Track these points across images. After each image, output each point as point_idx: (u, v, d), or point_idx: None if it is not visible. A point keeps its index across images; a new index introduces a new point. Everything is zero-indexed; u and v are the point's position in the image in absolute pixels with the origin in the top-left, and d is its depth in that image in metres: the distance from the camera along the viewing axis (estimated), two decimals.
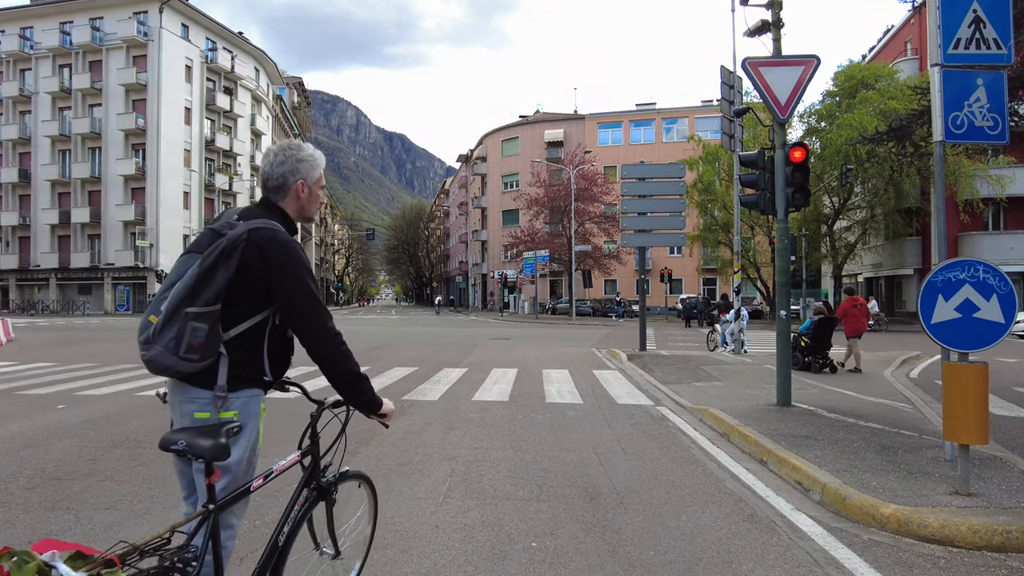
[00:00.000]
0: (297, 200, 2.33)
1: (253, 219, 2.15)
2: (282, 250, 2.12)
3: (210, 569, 1.95)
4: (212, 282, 2.00)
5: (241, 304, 2.09)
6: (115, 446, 5.84)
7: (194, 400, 2.08)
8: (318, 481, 2.51)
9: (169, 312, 1.96)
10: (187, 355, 1.96)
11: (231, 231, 2.08)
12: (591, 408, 8.13)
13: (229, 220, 2.15)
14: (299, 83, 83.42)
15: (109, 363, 12.77)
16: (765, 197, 7.86)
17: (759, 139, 28.54)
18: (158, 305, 2.00)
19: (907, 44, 37.86)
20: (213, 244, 2.05)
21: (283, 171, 2.29)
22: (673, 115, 55.43)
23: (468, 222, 72.94)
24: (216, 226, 2.13)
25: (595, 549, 3.57)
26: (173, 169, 46.14)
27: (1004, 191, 28.76)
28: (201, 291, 1.98)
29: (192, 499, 2.21)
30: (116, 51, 45.51)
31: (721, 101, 15.69)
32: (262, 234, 2.09)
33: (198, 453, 1.90)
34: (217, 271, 2.01)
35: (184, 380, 2.07)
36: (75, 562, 1.53)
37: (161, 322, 1.96)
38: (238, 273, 2.05)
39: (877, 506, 4.00)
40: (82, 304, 45.59)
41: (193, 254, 2.06)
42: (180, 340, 1.95)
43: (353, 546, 2.88)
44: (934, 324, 4.44)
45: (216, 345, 2.03)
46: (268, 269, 2.09)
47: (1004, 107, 5.09)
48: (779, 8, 9.05)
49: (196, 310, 1.97)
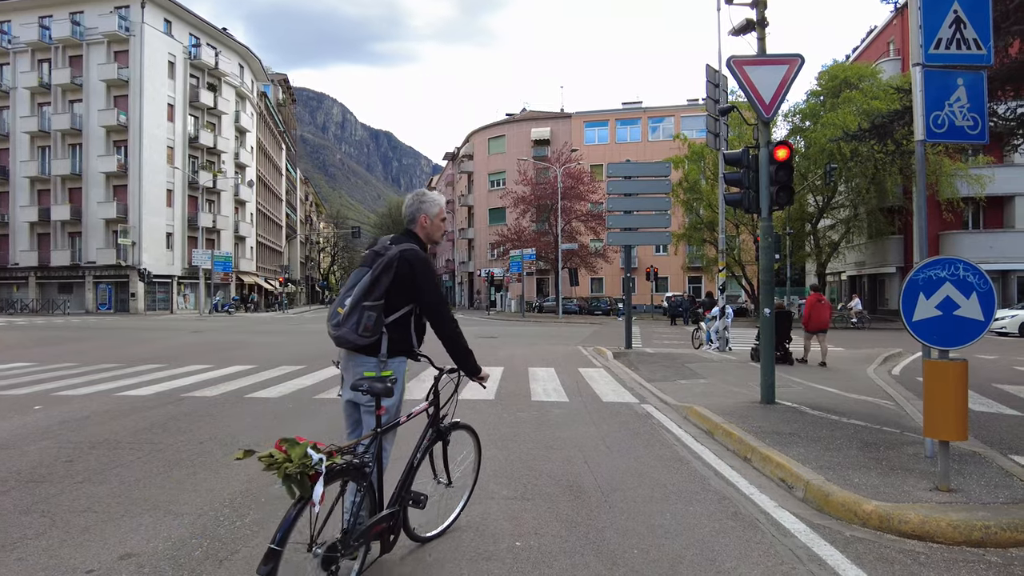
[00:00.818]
0: (423, 228, 3.34)
1: (401, 243, 3.19)
2: (421, 265, 3.13)
3: (375, 473, 2.97)
4: (379, 285, 3.04)
5: (396, 300, 3.10)
6: (93, 447, 5.75)
7: (364, 364, 3.08)
8: (437, 427, 3.49)
9: (352, 305, 3.01)
10: (363, 334, 3.00)
11: (388, 252, 3.12)
12: (577, 406, 8.13)
13: (384, 244, 3.21)
14: (284, 80, 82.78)
15: (89, 363, 12.59)
16: (750, 195, 7.89)
17: (744, 138, 28.70)
18: (343, 300, 3.05)
19: (890, 44, 38.28)
20: (377, 261, 3.10)
21: (412, 210, 3.33)
22: (659, 114, 55.65)
23: (455, 220, 72.80)
24: (377, 248, 3.20)
25: (579, 548, 3.56)
26: (156, 166, 45.58)
27: (984, 190, 29.20)
28: (372, 291, 3.03)
29: (354, 434, 3.24)
30: (97, 46, 44.86)
31: (706, 100, 15.76)
32: (408, 253, 3.12)
33: (375, 392, 2.89)
34: (382, 278, 3.05)
35: (358, 351, 3.09)
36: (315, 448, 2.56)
37: (347, 312, 3.01)
38: (394, 279, 3.07)
39: (859, 503, 4.02)
40: (62, 303, 44.92)
41: (363, 268, 3.13)
42: (359, 323, 2.99)
43: (461, 483, 3.85)
44: (916, 322, 4.47)
45: (380, 327, 3.05)
46: (413, 276, 3.10)
47: (984, 107, 5.14)
48: (764, 7, 9.09)
49: (369, 303, 3.01)
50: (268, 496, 4.39)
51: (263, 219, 64.98)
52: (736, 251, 35.89)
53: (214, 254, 47.58)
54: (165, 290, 46.46)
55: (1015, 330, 23.51)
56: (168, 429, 6.54)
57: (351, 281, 3.11)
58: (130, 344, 17.75)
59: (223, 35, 54.23)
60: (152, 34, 45.39)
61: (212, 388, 9.33)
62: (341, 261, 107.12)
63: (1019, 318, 23.92)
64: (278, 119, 74.96)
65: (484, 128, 63.78)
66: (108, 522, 3.89)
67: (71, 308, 44.51)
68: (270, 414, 7.43)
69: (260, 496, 4.39)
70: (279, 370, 11.56)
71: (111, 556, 3.39)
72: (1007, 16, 7.16)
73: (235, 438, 6.16)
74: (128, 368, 11.77)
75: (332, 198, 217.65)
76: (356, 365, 3.11)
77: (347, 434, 3.27)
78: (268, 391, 9.10)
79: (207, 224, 49.08)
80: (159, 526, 3.82)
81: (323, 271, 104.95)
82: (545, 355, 14.83)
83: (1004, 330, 23.47)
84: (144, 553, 3.43)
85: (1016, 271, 31.74)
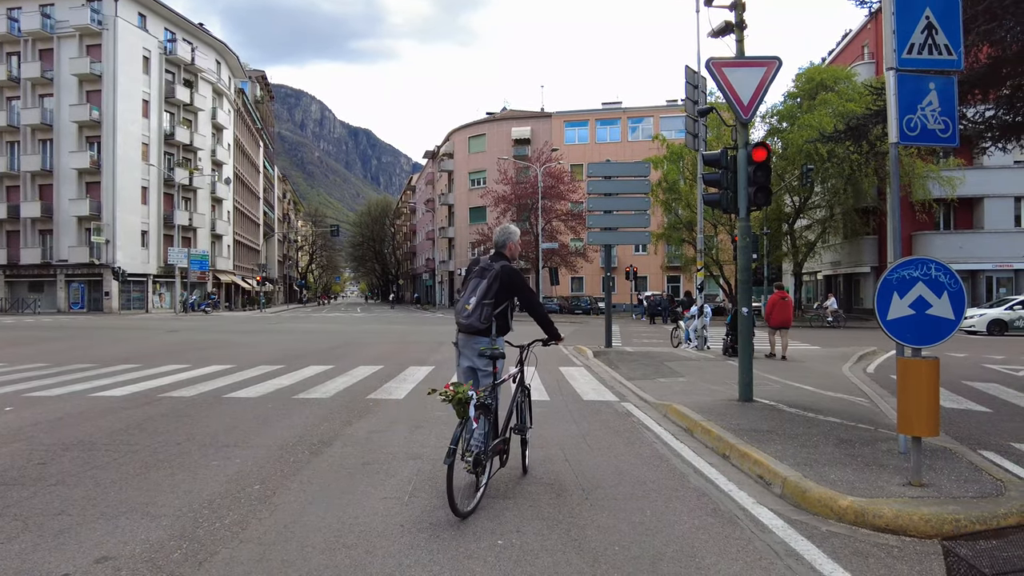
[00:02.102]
0: (511, 251, 4.79)
1: (499, 260, 4.65)
2: (517, 276, 4.61)
3: (495, 411, 4.37)
4: (491, 288, 4.48)
5: (501, 298, 4.52)
6: (67, 449, 5.64)
7: (480, 342, 4.51)
8: (523, 385, 4.86)
9: (476, 303, 4.44)
10: (484, 322, 4.44)
11: (493, 267, 4.56)
12: (557, 405, 8.16)
13: (487, 262, 4.64)
14: (262, 77, 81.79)
15: (62, 363, 12.34)
16: (728, 196, 7.98)
17: (722, 139, 29.01)
18: (468, 300, 4.48)
19: (864, 48, 38.94)
20: (486, 272, 4.54)
21: (504, 239, 4.78)
22: (638, 114, 55.99)
23: (435, 219, 72.57)
24: (483, 265, 4.62)
25: (560, 546, 3.58)
26: (130, 163, 44.75)
27: (955, 192, 29.86)
28: (487, 293, 4.46)
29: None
30: (68, 40, 43.91)
31: (686, 101, 15.90)
32: (507, 267, 4.59)
33: (495, 357, 4.41)
34: (493, 284, 4.49)
35: (476, 333, 4.51)
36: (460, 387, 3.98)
37: (472, 308, 4.43)
38: (500, 285, 4.50)
39: (835, 498, 4.10)
40: (33, 302, 43.91)
41: (478, 278, 4.54)
42: (480, 315, 4.44)
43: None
44: (890, 320, 4.56)
45: (491, 316, 4.47)
46: (512, 283, 4.56)
47: (954, 111, 5.26)
48: (742, 10, 9.20)
49: (487, 301, 4.45)
50: (247, 497, 4.36)
51: (240, 217, 64.18)
52: (714, 251, 36.27)
53: (190, 252, 46.89)
54: (140, 289, 45.66)
55: (983, 328, 24.07)
56: (145, 430, 6.44)
57: (471, 287, 4.54)
58: (104, 344, 17.43)
59: (199, 30, 53.42)
60: (126, 28, 44.54)
61: (189, 388, 9.21)
62: (319, 260, 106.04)
63: (987, 317, 24.50)
64: (256, 116, 74.05)
65: (464, 127, 63.64)
66: (83, 525, 3.82)
67: (42, 307, 43.54)
68: (249, 414, 7.36)
69: (240, 497, 4.35)
70: (257, 370, 11.44)
71: (87, 560, 3.33)
72: (975, 19, 7.33)
73: (214, 438, 6.09)
74: (102, 368, 11.56)
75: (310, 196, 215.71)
76: (475, 343, 4.54)
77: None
78: (247, 391, 9.00)
79: (183, 222, 48.36)
80: (136, 528, 3.77)
81: (301, 270, 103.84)
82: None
83: (973, 328, 24.02)
84: (121, 556, 3.38)
85: (984, 271, 32.54)
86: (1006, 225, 32.90)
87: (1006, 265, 32.33)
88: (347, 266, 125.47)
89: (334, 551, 3.48)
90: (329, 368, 11.75)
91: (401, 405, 8.06)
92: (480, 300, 4.42)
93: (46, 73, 43.89)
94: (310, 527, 3.83)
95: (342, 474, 4.98)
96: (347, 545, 3.56)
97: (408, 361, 12.81)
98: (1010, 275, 32.59)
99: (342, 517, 4.01)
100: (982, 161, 30.54)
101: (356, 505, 4.24)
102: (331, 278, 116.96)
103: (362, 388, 9.37)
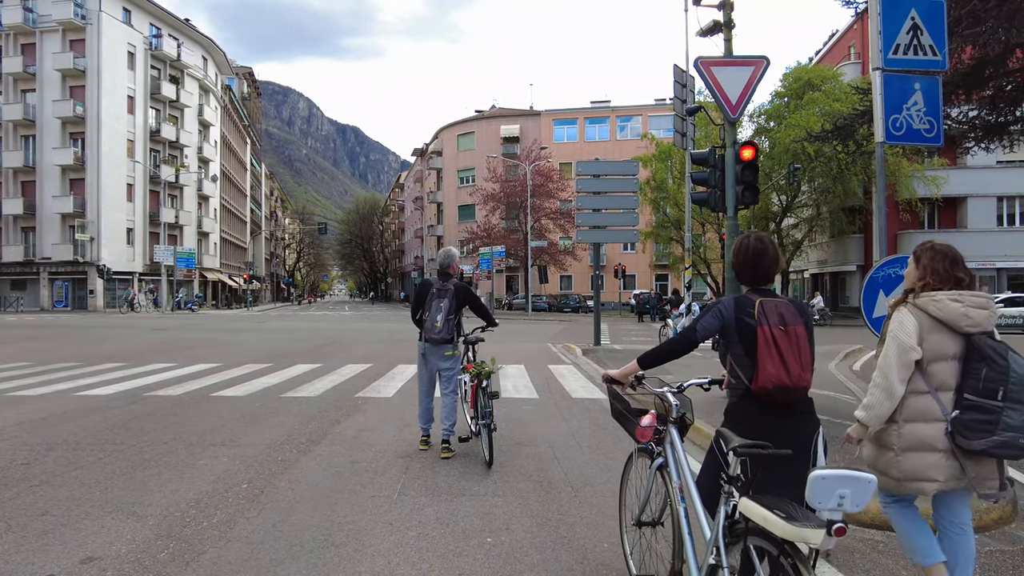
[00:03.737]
0: (453, 270, 5.72)
1: (449, 280, 5.63)
2: (467, 290, 5.68)
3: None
4: (452, 305, 5.52)
5: (458, 312, 5.61)
6: (51, 449, 5.58)
7: (446, 348, 5.58)
8: (480, 370, 5.51)
9: (443, 320, 5.47)
10: (449, 333, 5.53)
11: (449, 287, 5.55)
12: (546, 402, 8.18)
13: (441, 283, 5.59)
14: (249, 73, 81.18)
15: (46, 362, 12.20)
16: (716, 194, 8.03)
17: (711, 138, 29.12)
18: (436, 318, 5.47)
19: (851, 48, 39.24)
20: (444, 293, 5.53)
21: (448, 261, 5.70)
22: (627, 113, 56.09)
23: (423, 217, 72.37)
24: (439, 286, 5.56)
25: (550, 543, 3.59)
26: (115, 160, 44.20)
27: (939, 191, 30.18)
28: (451, 310, 5.52)
29: (432, 388, 5.83)
30: (51, 34, 43.28)
31: (674, 100, 15.96)
32: (459, 285, 5.63)
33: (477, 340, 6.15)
34: (452, 301, 5.53)
35: (443, 343, 5.54)
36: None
37: (441, 324, 5.47)
38: (457, 301, 5.56)
39: None
40: (15, 300, 43.28)
41: (438, 298, 5.53)
42: (447, 328, 5.50)
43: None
44: (875, 318, 4.62)
45: (453, 327, 5.57)
46: (466, 296, 5.64)
47: (939, 111, 5.32)
48: (730, 9, 9.26)
49: (451, 317, 5.53)
50: (235, 496, 4.33)
51: (227, 215, 63.66)
52: (702, 249, 36.43)
53: (177, 250, 46.44)
54: (126, 287, 45.17)
55: None
56: (130, 429, 6.38)
57: (435, 307, 5.50)
58: (89, 342, 17.24)
59: (186, 26, 52.85)
60: (110, 23, 43.99)
61: (176, 387, 9.13)
62: (307, 258, 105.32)
63: None
64: (243, 113, 73.45)
65: (453, 124, 63.48)
66: (68, 525, 3.78)
67: (25, 305, 42.94)
68: (237, 413, 7.31)
69: (228, 496, 4.32)
70: (245, 368, 11.36)
71: (72, 560, 3.30)
72: (959, 21, 7.42)
73: (201, 437, 6.04)
74: (87, 367, 11.44)
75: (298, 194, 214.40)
76: (441, 350, 5.60)
77: (425, 389, 5.80)
78: (234, 389, 8.94)
79: (169, 220, 47.89)
80: (122, 528, 3.73)
81: (288, 268, 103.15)
82: (515, 352, 14.85)
83: None
84: (107, 556, 3.35)
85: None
86: (989, 224, 33.30)
87: (989, 264, 32.71)
88: (335, 264, 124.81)
89: (323, 550, 3.47)
90: (317, 366, 11.69)
91: (390, 403, 8.04)
92: (446, 317, 5.47)
93: (28, 68, 43.23)
94: (298, 526, 3.81)
95: (330, 473, 4.96)
96: (336, 544, 3.55)
97: (397, 359, 12.78)
98: (992, 273, 32.97)
99: (331, 516, 4.00)
100: (965, 161, 30.84)
101: (345, 504, 4.23)
102: (319, 276, 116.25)
103: (350, 386, 9.34)
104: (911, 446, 2.63)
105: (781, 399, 2.43)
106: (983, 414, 2.52)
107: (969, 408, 2.56)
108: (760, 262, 2.63)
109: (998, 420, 2.48)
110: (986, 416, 2.51)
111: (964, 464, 2.56)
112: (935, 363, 2.64)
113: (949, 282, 2.70)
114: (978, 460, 2.56)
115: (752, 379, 2.47)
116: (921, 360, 2.65)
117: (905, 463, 2.64)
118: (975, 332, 2.61)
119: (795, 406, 2.48)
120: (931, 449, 2.59)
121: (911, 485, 2.64)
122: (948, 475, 2.57)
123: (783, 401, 2.44)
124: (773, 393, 2.41)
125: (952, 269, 2.71)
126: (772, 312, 2.48)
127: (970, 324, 2.60)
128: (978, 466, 2.57)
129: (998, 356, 2.54)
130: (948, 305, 2.62)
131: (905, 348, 2.64)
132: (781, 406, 2.46)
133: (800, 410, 2.50)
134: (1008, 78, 8.63)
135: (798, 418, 2.49)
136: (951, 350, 2.63)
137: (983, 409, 2.52)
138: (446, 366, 5.62)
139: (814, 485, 1.86)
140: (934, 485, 2.59)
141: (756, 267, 2.63)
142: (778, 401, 2.44)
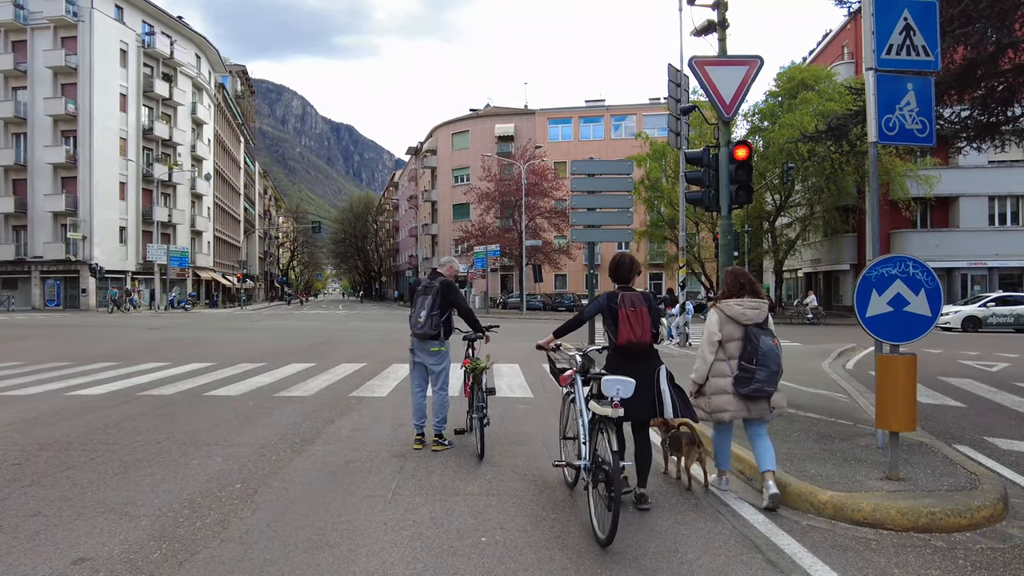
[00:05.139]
0: (447, 271, 5.94)
1: (437, 278, 5.75)
2: (452, 288, 5.74)
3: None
4: (435, 302, 5.60)
5: (442, 309, 5.64)
6: (43, 449, 5.55)
7: (432, 344, 5.70)
8: (476, 366, 5.64)
9: (426, 315, 5.57)
10: (433, 328, 5.60)
11: (434, 284, 5.66)
12: (541, 402, 8.18)
13: (429, 280, 5.74)
14: (243, 71, 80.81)
15: (37, 361, 12.12)
16: (710, 194, 8.03)
17: (705, 137, 29.16)
18: (419, 314, 5.60)
19: (844, 48, 39.37)
20: (429, 290, 5.63)
21: (444, 262, 6.00)
22: (621, 112, 56.12)
23: (418, 216, 72.25)
24: (425, 284, 5.72)
25: (544, 542, 3.59)
26: (108, 158, 43.91)
27: (932, 191, 30.32)
28: (433, 306, 5.59)
29: (423, 384, 5.90)
30: (42, 31, 42.95)
31: (668, 99, 15.97)
32: (444, 282, 5.72)
33: (473, 339, 5.97)
34: (436, 298, 5.60)
35: (428, 339, 5.64)
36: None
37: (423, 319, 5.57)
38: (441, 298, 5.62)
39: (815, 493, 4.15)
40: (7, 299, 42.94)
41: (423, 295, 5.64)
42: (430, 324, 5.58)
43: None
44: (868, 318, 4.63)
45: (439, 323, 5.62)
46: (449, 294, 5.68)
47: (932, 111, 5.34)
48: (725, 9, 9.26)
49: (434, 312, 5.59)
50: (228, 496, 4.31)
51: (221, 213, 63.38)
52: (696, 248, 36.50)
53: (170, 249, 46.19)
54: (118, 286, 44.90)
55: (958, 325, 24.50)
56: (123, 429, 6.35)
57: (420, 302, 5.62)
58: (81, 342, 17.14)
59: (179, 23, 52.56)
60: (102, 20, 43.68)
61: (169, 386, 9.09)
62: (301, 257, 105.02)
63: (962, 314, 24.93)
64: (236, 111, 73.13)
65: (448, 123, 63.36)
66: (59, 526, 3.76)
67: (16, 304, 42.61)
68: (230, 412, 7.28)
69: (221, 496, 4.31)
70: (238, 368, 11.32)
71: (63, 561, 3.28)
72: (951, 21, 7.45)
73: (194, 437, 6.02)
74: (79, 367, 11.37)
75: (292, 192, 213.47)
76: (427, 346, 5.72)
77: (417, 385, 5.93)
78: (227, 389, 8.91)
79: (162, 218, 47.59)
80: (115, 529, 3.71)
81: (282, 267, 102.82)
82: (509, 351, 14.84)
83: (948, 325, 24.44)
84: (99, 557, 3.33)
85: (959, 269, 33.08)
86: (980, 224, 33.48)
87: (980, 263, 32.91)
88: (329, 263, 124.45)
89: (317, 550, 3.46)
90: (311, 366, 11.66)
91: (384, 403, 8.02)
92: (428, 313, 5.58)
93: (19, 65, 42.90)
94: (292, 526, 3.80)
95: (325, 472, 4.95)
96: (330, 544, 3.54)
97: (391, 359, 12.76)
98: (984, 273, 33.17)
99: (325, 515, 3.98)
100: (958, 161, 31.01)
101: (339, 503, 4.22)
102: (313, 275, 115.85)
103: (345, 386, 9.31)
104: (714, 391, 4.31)
105: (632, 349, 4.16)
106: (746, 372, 4.21)
107: (741, 369, 4.23)
108: (620, 270, 4.43)
109: (753, 376, 4.18)
110: (747, 374, 4.20)
111: (748, 405, 4.24)
112: (728, 343, 4.31)
113: (738, 293, 4.38)
114: (755, 400, 4.23)
115: (616, 338, 4.17)
116: (721, 340, 4.31)
117: (714, 402, 4.31)
118: (749, 324, 4.27)
119: (642, 353, 4.19)
120: (724, 393, 4.26)
121: (716, 415, 4.31)
122: (735, 408, 4.24)
123: (633, 351, 4.17)
124: (627, 346, 4.14)
125: (738, 285, 4.41)
126: (627, 300, 4.20)
127: (746, 319, 4.28)
128: (756, 405, 4.26)
129: (754, 338, 4.21)
130: (734, 308, 4.32)
131: (712, 333, 4.34)
132: (633, 353, 4.18)
133: (646, 355, 4.21)
134: (999, 79, 8.67)
135: (644, 361, 4.19)
136: (736, 334, 4.30)
137: (746, 370, 4.21)
138: (432, 361, 5.79)
139: (604, 385, 3.72)
140: (727, 414, 4.27)
141: (618, 272, 4.43)
142: (630, 351, 4.16)
